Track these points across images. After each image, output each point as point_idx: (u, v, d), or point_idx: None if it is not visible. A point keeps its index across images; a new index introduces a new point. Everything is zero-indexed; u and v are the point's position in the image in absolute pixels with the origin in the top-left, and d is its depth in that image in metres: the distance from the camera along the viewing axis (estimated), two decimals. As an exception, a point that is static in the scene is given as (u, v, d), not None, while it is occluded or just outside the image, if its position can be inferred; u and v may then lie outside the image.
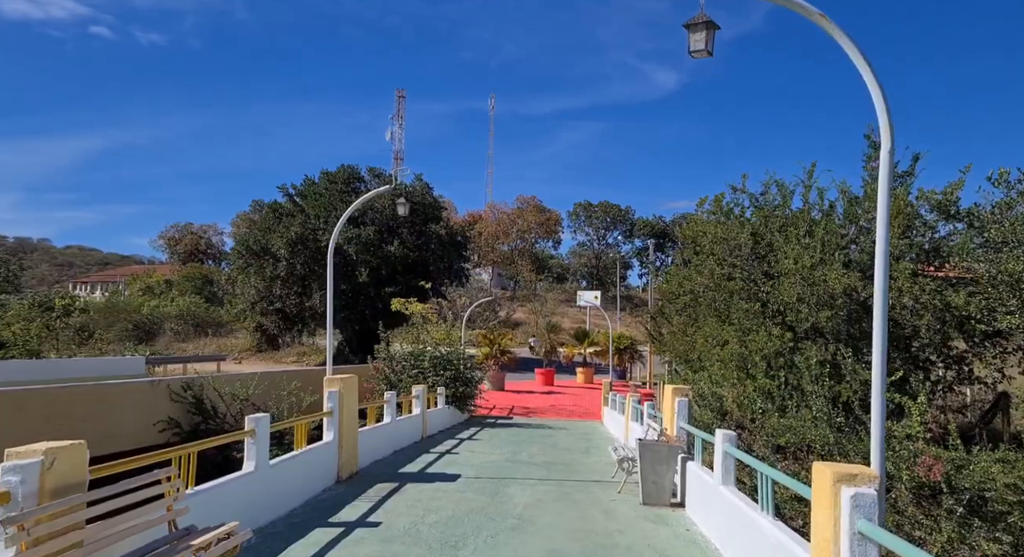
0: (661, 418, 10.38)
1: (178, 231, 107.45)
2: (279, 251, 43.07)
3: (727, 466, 6.52)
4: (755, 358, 14.65)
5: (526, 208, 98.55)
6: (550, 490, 8.99)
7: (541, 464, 11.42)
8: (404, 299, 25.84)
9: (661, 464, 8.19)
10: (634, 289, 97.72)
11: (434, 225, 48.07)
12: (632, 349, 39.09)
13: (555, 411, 24.51)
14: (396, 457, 11.65)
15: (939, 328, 12.13)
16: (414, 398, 15.05)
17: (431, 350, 19.58)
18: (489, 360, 32.16)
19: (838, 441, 10.26)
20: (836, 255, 13.63)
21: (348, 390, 9.45)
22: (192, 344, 62.83)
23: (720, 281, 17.14)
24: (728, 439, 6.54)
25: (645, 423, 12.23)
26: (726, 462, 6.53)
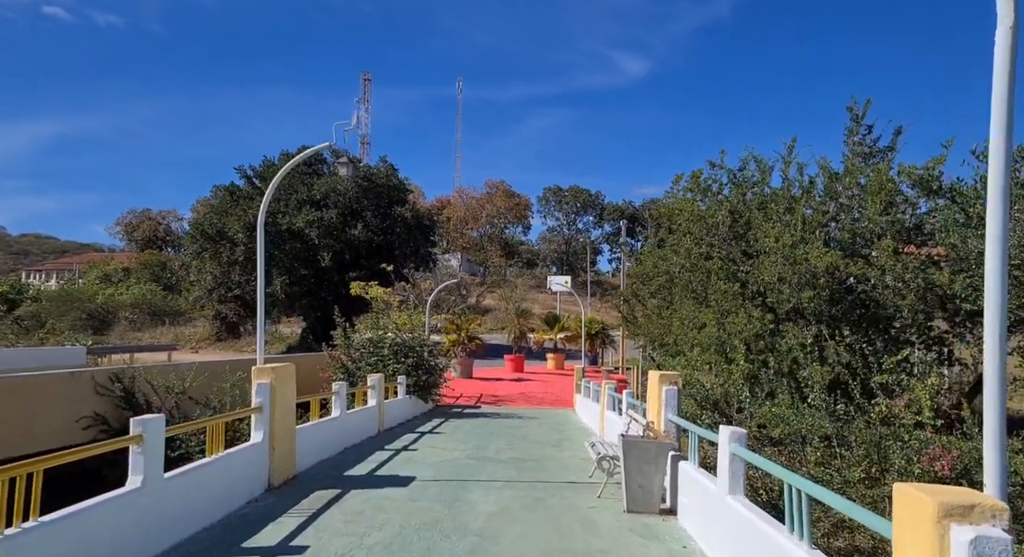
0: (644, 409, 9.17)
1: (135, 217, 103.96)
2: (236, 235, 41.07)
3: (736, 472, 5.29)
4: (734, 341, 13.77)
5: (495, 193, 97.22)
6: (518, 495, 7.71)
7: (509, 461, 10.14)
8: (364, 283, 24.35)
9: (648, 464, 6.96)
10: (604, 274, 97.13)
11: (399, 208, 46.41)
12: (604, 334, 38.07)
13: (525, 399, 23.29)
14: (345, 456, 10.27)
15: (922, 308, 11.44)
16: (369, 389, 13.66)
17: (392, 336, 18.17)
18: (456, 347, 30.83)
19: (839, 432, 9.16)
20: (817, 233, 12.92)
21: (282, 381, 8.05)
22: (148, 333, 60.50)
23: (697, 261, 16.21)
24: (736, 438, 5.30)
25: (625, 414, 11.01)
26: (735, 467, 5.30)
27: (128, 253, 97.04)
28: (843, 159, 15.06)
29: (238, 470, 6.96)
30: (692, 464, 6.70)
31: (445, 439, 12.70)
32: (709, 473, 6.42)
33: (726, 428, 5.41)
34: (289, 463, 8.22)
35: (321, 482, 8.18)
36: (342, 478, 8.52)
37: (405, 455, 10.54)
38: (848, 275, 12.62)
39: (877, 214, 12.53)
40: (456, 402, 21.87)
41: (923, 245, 12.81)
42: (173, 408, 14.02)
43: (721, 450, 5.46)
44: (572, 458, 10.69)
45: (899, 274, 11.43)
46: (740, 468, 5.30)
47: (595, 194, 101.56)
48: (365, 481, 8.37)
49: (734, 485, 5.29)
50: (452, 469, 9.29)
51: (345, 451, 10.76)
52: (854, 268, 12.29)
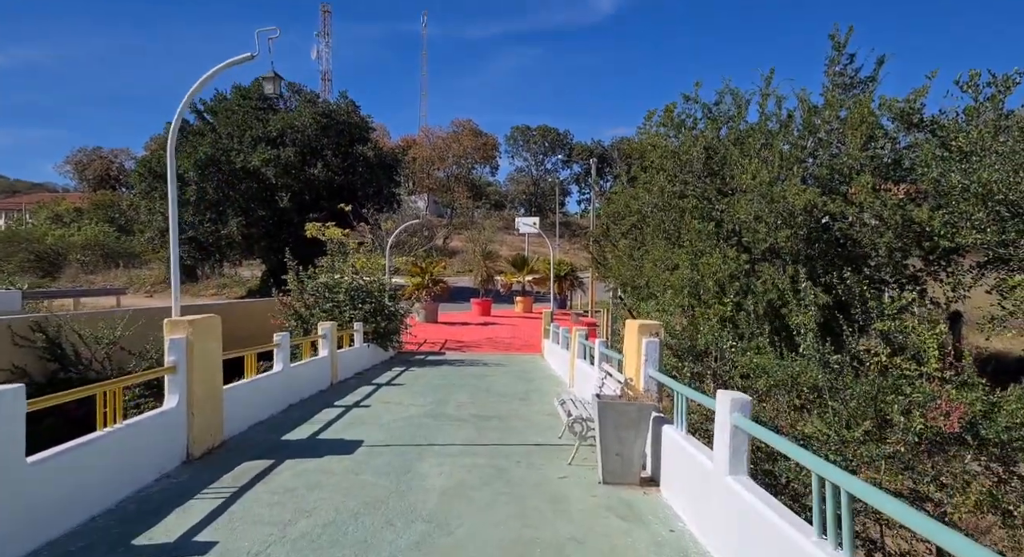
0: (620, 362, 8.22)
1: (86, 156, 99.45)
2: (187, 174, 38.89)
3: (738, 448, 4.33)
4: (708, 283, 12.81)
5: (462, 132, 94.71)
6: (478, 464, 6.73)
7: (469, 419, 9.18)
8: (321, 224, 22.89)
9: (627, 429, 6.01)
10: (573, 216, 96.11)
11: (361, 147, 44.37)
12: (572, 276, 37.21)
13: (492, 344, 22.39)
14: (288, 415, 9.21)
15: (900, 246, 11.21)
16: (320, 338, 12.54)
17: (348, 280, 16.98)
18: (420, 290, 29.72)
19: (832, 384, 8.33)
20: (795, 170, 12.40)
21: (203, 336, 6.89)
22: (102, 276, 58.26)
23: (671, 199, 15.26)
24: (739, 406, 4.32)
25: (599, 368, 10.09)
26: (737, 442, 4.33)
27: (81, 193, 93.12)
28: (823, 91, 14.26)
29: (144, 442, 5.85)
30: (678, 430, 5.76)
31: (402, 392, 11.70)
32: (698, 441, 5.49)
33: (726, 394, 4.43)
34: (214, 429, 7.13)
35: (252, 450, 7.12)
36: (278, 444, 7.47)
37: (356, 413, 9.52)
38: (826, 213, 11.97)
39: (857, 149, 11.94)
40: (419, 349, 20.91)
41: (901, 181, 12.26)
42: (105, 360, 12.81)
43: (720, 420, 4.49)
44: (540, 414, 9.78)
45: (878, 211, 11.03)
46: (743, 443, 4.33)
47: (564, 133, 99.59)
48: (304, 448, 7.32)
49: (736, 463, 4.34)
50: (406, 430, 8.29)
51: (289, 409, 9.70)
52: (832, 206, 11.83)
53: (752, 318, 12.68)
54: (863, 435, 7.27)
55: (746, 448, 4.33)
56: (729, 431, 4.34)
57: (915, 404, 7.27)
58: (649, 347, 6.85)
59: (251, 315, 19.28)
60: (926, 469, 7.82)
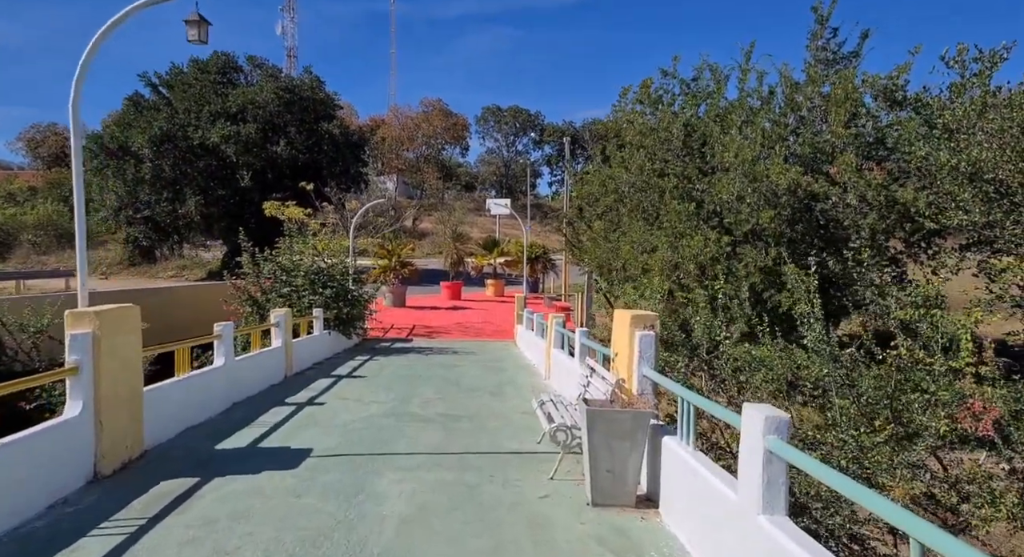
0: (605, 356, 7.27)
1: (39, 132, 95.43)
2: (141, 150, 37.07)
3: (774, 479, 3.38)
4: (688, 265, 12.25)
5: (432, 112, 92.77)
6: (445, 481, 5.72)
7: (436, 419, 8.17)
8: (280, 203, 21.62)
9: (622, 441, 5.06)
10: (544, 198, 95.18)
11: (326, 124, 42.81)
12: (545, 259, 36.25)
13: (462, 330, 21.39)
14: (228, 417, 8.11)
15: (884, 227, 10.83)
16: (273, 326, 11.42)
17: (308, 263, 15.79)
18: (388, 273, 28.52)
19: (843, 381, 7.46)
20: (777, 148, 11.93)
21: (113, 329, 5.76)
22: (55, 257, 55.90)
23: (650, 178, 14.46)
24: (775, 427, 3.37)
25: (583, 364, 9.12)
26: (773, 472, 3.38)
27: (36, 171, 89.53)
28: (805, 67, 13.47)
29: (34, 462, 4.74)
30: (683, 443, 4.82)
31: (363, 386, 10.65)
32: (710, 461, 4.54)
33: (757, 410, 3.48)
34: (131, 439, 6.02)
35: (176, 465, 6.02)
36: (210, 455, 6.38)
37: (308, 412, 8.44)
38: (809, 193, 11.48)
39: (841, 126, 11.44)
40: (385, 335, 19.84)
41: (884, 161, 12.23)
42: (32, 350, 11.56)
43: (749, 444, 3.53)
44: (515, 411, 8.80)
45: (862, 191, 10.67)
46: (781, 474, 3.38)
47: (535, 115, 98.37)
48: (240, 460, 6.25)
49: (771, 500, 3.39)
50: (363, 435, 7.25)
51: (232, 409, 8.59)
52: (816, 185, 11.24)
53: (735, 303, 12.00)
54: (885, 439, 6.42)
55: (784, 480, 3.38)
56: (762, 458, 3.39)
57: (940, 403, 6.45)
58: (644, 342, 5.89)
59: (200, 301, 18.06)
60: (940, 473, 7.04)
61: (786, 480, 3.38)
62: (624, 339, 6.14)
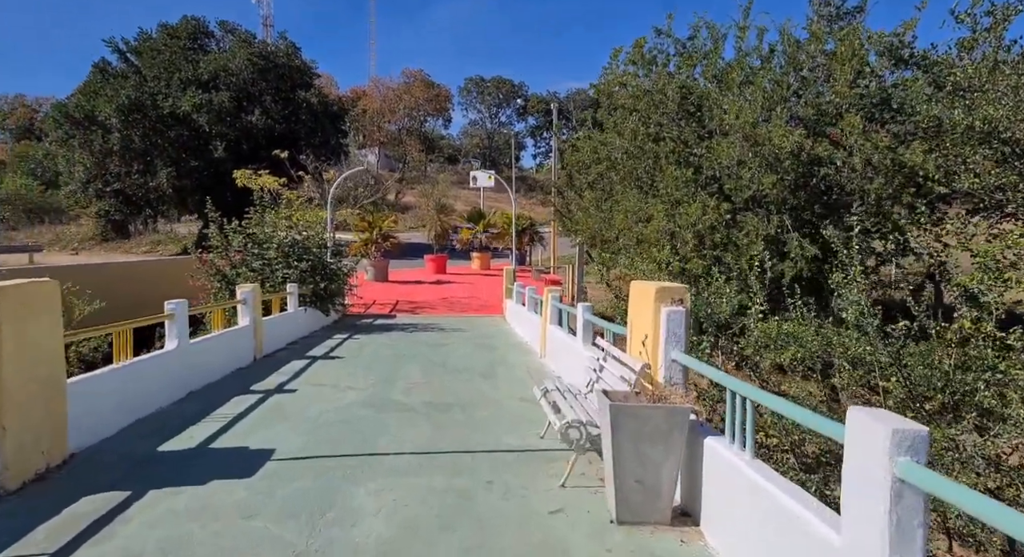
0: (616, 337, 6.25)
1: (7, 103, 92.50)
2: (109, 120, 35.29)
3: (907, 519, 2.37)
4: (686, 235, 11.68)
5: (413, 83, 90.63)
6: (434, 489, 4.70)
7: (422, 409, 7.13)
8: (252, 172, 20.28)
9: (654, 444, 4.05)
10: (528, 170, 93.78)
11: (304, 93, 41.12)
12: (532, 230, 35.12)
13: (447, 305, 20.32)
14: (181, 409, 7.02)
15: (890, 192, 10.42)
16: (239, 304, 10.29)
17: (282, 235, 14.60)
18: (369, 247, 27.33)
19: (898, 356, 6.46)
20: (779, 110, 11.32)
21: (20, 312, 4.64)
22: (24, 233, 54.23)
23: (644, 143, 13.87)
24: (907, 445, 2.35)
25: (591, 344, 8.09)
26: (906, 510, 2.37)
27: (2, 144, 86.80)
28: (807, 24, 12.65)
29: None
30: (736, 449, 3.82)
31: (340, 369, 9.58)
32: (775, 473, 3.54)
33: (874, 417, 2.47)
34: (49, 443, 4.93)
35: (107, 472, 4.94)
36: (150, 459, 5.30)
37: (275, 402, 7.37)
38: (813, 157, 10.89)
39: (846, 86, 10.90)
40: (367, 311, 18.74)
41: (889, 122, 11.77)
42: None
43: (861, 466, 2.52)
44: (511, 397, 7.78)
45: (868, 155, 10.20)
46: (917, 513, 2.37)
47: (518, 85, 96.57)
48: (185, 465, 5.18)
49: (903, 550, 2.39)
50: (337, 431, 6.18)
51: (187, 399, 7.48)
52: (819, 149, 10.68)
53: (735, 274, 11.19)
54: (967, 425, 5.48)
55: (922, 522, 2.37)
56: (888, 490, 2.37)
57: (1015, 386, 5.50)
58: (672, 319, 4.87)
59: (168, 276, 16.82)
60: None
61: (925, 522, 2.38)
62: (645, 316, 5.11)
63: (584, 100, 76.71)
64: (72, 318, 10.34)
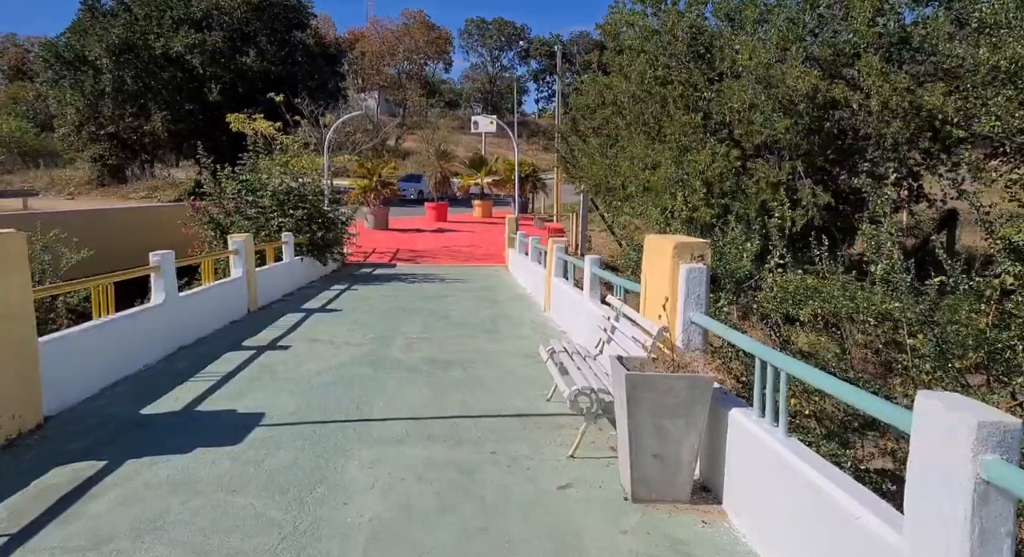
0: (625, 292, 5.85)
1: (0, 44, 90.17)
2: (100, 60, 34.25)
3: (991, 528, 2.01)
4: (694, 182, 11.28)
5: (412, 25, 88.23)
6: (434, 461, 4.35)
7: (422, 367, 6.78)
8: (246, 116, 19.62)
9: (675, 417, 3.69)
10: (530, 116, 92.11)
11: (300, 33, 39.87)
12: (535, 177, 34.42)
13: (449, 254, 19.92)
14: (168, 367, 6.67)
15: (907, 136, 10.04)
16: (231, 254, 9.88)
17: (276, 182, 14.07)
18: (368, 194, 26.74)
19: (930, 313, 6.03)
20: (794, 50, 10.84)
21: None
22: (20, 177, 53.17)
23: (651, 87, 13.28)
24: (997, 440, 1.98)
25: (593, 297, 7.70)
26: (990, 515, 2.01)
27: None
28: None
29: None
30: (765, 424, 3.46)
31: (337, 323, 9.23)
32: (815, 455, 3.17)
33: (951, 401, 2.09)
34: (19, 407, 4.58)
35: (83, 439, 4.61)
36: (131, 424, 4.97)
37: (268, 359, 7.01)
38: (829, 99, 10.43)
39: (865, 24, 10.42)
40: (366, 260, 18.36)
41: (908, 62, 11.18)
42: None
43: (934, 462, 2.14)
44: (514, 354, 7.43)
45: (886, 97, 9.74)
46: (1005, 520, 2.01)
47: (521, 28, 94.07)
48: (168, 431, 4.83)
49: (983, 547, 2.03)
50: (331, 393, 5.84)
51: (176, 355, 7.14)
52: (836, 91, 10.18)
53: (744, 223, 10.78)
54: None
55: (1011, 530, 2.01)
56: (970, 492, 2.00)
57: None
58: (691, 278, 4.45)
59: (161, 223, 16.37)
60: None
61: (1014, 530, 2.01)
62: (662, 273, 4.70)
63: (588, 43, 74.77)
64: (59, 267, 9.94)
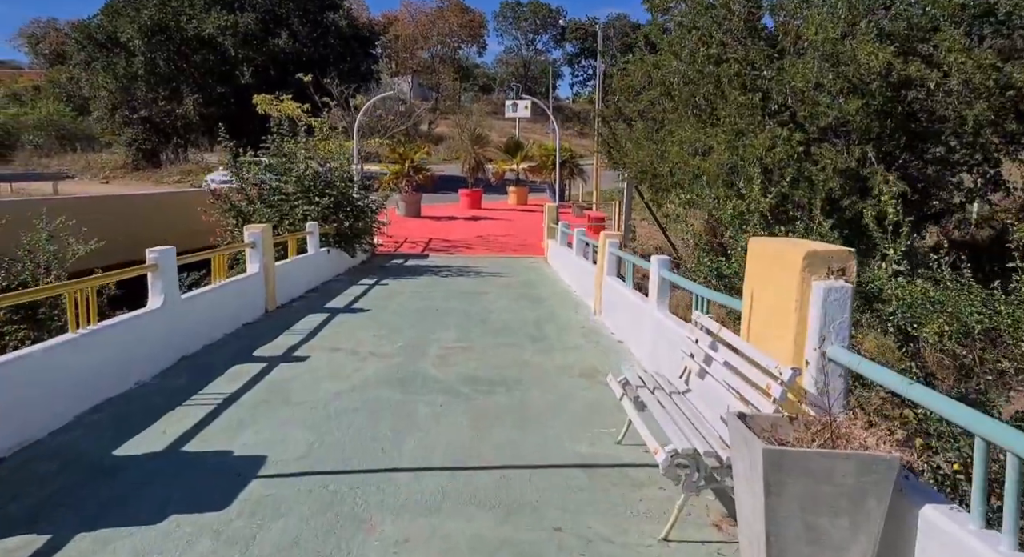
0: (706, 304, 4.67)
1: (40, 28, 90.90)
2: (132, 42, 33.71)
3: None
4: (751, 169, 10.34)
5: (447, 7, 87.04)
6: (479, 540, 3.23)
7: (459, 390, 5.68)
8: (273, 97, 18.70)
9: (835, 515, 2.56)
10: (564, 101, 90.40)
11: (332, 14, 38.93)
12: (572, 163, 33.05)
13: (484, 244, 18.86)
14: (163, 385, 5.68)
15: (991, 118, 9.15)
16: (248, 248, 8.89)
17: (302, 166, 13.07)
18: (400, 180, 25.74)
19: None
20: (864, 24, 10.03)
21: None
22: (57, 160, 53.21)
23: (704, 66, 12.44)
24: None
25: (660, 306, 6.50)
26: None
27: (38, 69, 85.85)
28: None
29: None
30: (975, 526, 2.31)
31: (363, 326, 8.20)
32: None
33: None
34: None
35: (36, 491, 3.60)
36: (99, 469, 3.96)
37: (278, 377, 5.96)
38: (904, 78, 9.58)
39: None
40: (398, 250, 17.38)
41: (992, 37, 10.41)
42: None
43: None
44: (568, 372, 6.30)
45: (968, 75, 8.98)
46: None
47: (556, 10, 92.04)
48: (143, 482, 3.82)
49: None
50: (350, 425, 4.76)
51: (176, 368, 6.14)
52: (912, 69, 9.34)
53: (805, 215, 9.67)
54: None
55: None
56: None
57: None
58: (830, 300, 3.29)
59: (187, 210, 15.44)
60: None
61: None
62: (781, 290, 3.55)
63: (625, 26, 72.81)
64: (65, 260, 9.07)
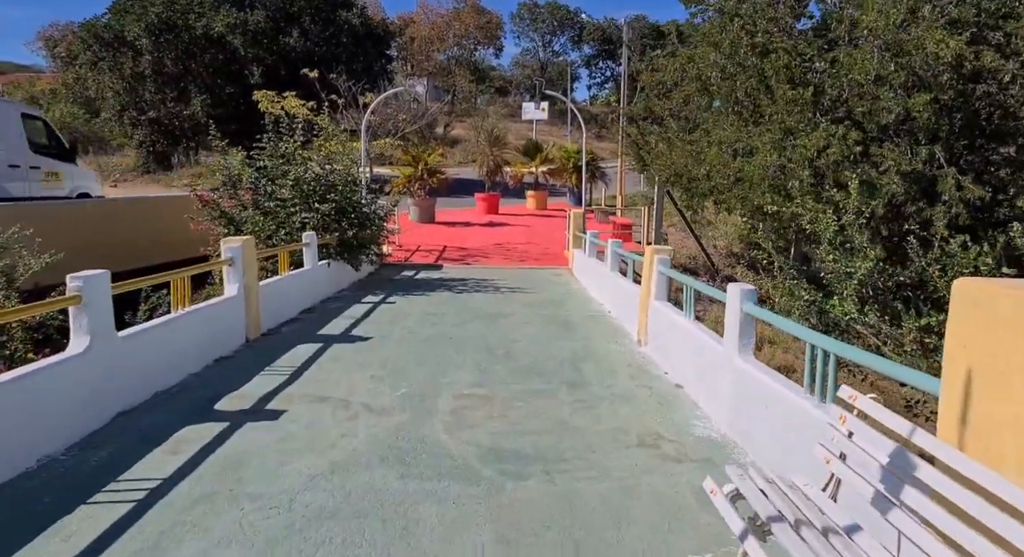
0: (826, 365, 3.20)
1: (57, 31, 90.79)
2: (139, 41, 32.65)
3: None
4: (801, 172, 9.74)
5: (463, 9, 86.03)
6: None
7: (479, 473, 4.16)
8: (275, 94, 17.38)
9: None
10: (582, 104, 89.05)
11: (345, 13, 37.70)
12: (594, 166, 31.53)
13: (503, 253, 17.42)
14: (80, 460, 4.23)
15: None
16: (224, 266, 7.48)
17: (299, 169, 11.69)
18: (413, 183, 24.38)
19: None
20: (927, 11, 9.14)
21: None
22: (68, 164, 52.51)
23: (746, 58, 11.52)
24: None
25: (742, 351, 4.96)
26: None
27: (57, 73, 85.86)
28: None
29: None
30: None
31: (358, 362, 6.74)
32: None
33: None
34: None
35: None
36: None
37: (236, 446, 4.48)
38: (976, 70, 8.72)
39: None
40: (409, 259, 15.99)
41: None
42: None
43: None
44: (621, 435, 4.80)
45: None
46: None
47: (574, 11, 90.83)
48: None
49: None
50: (317, 542, 3.34)
51: (102, 433, 4.71)
52: (987, 59, 8.48)
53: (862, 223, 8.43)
54: None
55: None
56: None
57: None
58: None
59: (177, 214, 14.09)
60: None
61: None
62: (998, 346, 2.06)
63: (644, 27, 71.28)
64: (13, 279, 7.73)
